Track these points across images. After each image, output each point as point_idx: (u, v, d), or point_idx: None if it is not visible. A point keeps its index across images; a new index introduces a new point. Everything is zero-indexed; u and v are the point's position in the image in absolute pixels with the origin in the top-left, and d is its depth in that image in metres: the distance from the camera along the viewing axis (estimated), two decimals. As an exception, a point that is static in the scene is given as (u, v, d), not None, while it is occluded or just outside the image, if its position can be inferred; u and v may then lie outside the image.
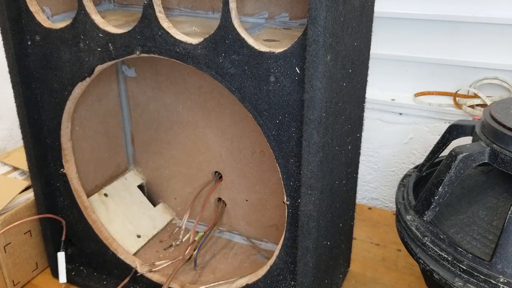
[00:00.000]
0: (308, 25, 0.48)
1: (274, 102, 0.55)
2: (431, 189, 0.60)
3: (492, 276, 0.53)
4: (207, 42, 0.56)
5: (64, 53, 0.65)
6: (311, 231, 0.58)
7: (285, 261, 0.64)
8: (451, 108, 0.99)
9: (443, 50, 0.99)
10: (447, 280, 0.56)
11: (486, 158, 0.59)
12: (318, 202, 0.57)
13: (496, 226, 0.58)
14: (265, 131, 0.57)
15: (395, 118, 1.06)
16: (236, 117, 0.79)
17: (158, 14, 0.57)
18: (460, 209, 0.63)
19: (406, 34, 1.01)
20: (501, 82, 0.96)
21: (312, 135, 0.53)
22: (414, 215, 0.63)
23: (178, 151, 0.87)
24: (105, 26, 0.61)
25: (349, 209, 0.77)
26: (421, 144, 1.05)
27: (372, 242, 0.93)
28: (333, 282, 0.75)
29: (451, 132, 0.68)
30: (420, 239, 0.59)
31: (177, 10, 0.75)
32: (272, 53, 0.53)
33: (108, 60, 0.63)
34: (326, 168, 0.58)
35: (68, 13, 0.73)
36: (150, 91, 0.85)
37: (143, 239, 0.86)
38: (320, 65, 0.50)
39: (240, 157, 0.81)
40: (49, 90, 0.70)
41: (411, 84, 1.05)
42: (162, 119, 0.86)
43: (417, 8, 0.98)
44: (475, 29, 0.95)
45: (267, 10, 0.69)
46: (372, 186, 1.15)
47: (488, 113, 0.62)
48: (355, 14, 0.58)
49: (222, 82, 0.57)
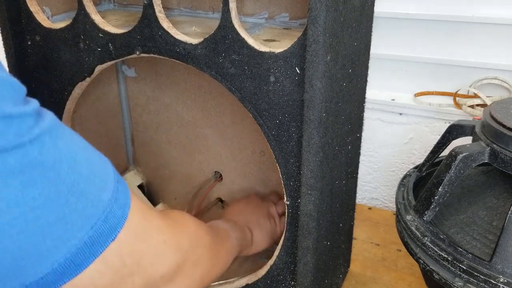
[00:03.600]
0: (308, 25, 0.48)
1: (274, 102, 0.55)
2: (431, 189, 0.60)
3: (492, 276, 0.53)
4: (207, 42, 0.56)
5: (64, 53, 0.65)
6: (311, 231, 0.58)
7: (285, 261, 0.64)
8: (451, 108, 0.99)
9: (443, 50, 0.99)
10: (447, 280, 0.56)
11: (486, 158, 0.59)
12: (318, 202, 0.57)
13: (496, 226, 0.58)
14: (265, 131, 0.57)
15: (395, 118, 1.06)
16: (236, 117, 0.79)
17: (158, 14, 0.57)
18: (460, 209, 0.63)
19: (406, 34, 1.01)
20: (501, 82, 0.96)
21: (312, 135, 0.53)
22: (414, 215, 0.63)
23: (178, 151, 0.87)
24: (105, 26, 0.61)
25: (349, 209, 0.77)
26: (421, 144, 1.05)
27: (372, 242, 0.93)
28: (333, 282, 0.75)
29: (451, 132, 0.68)
30: (420, 239, 0.59)
31: (177, 10, 0.75)
32: (272, 53, 0.53)
33: (108, 60, 0.63)
34: (326, 168, 0.58)
35: (68, 13, 0.73)
36: (150, 91, 0.85)
37: (143, 239, 0.86)
38: (320, 65, 0.50)
39: (240, 157, 0.81)
40: (49, 90, 0.70)
41: (411, 84, 1.04)
42: (162, 119, 0.86)
43: (417, 8, 0.98)
44: (475, 29, 0.95)
45: (267, 10, 0.69)
46: (372, 186, 1.15)
47: (488, 113, 0.62)
48: (355, 14, 0.58)
49: (222, 82, 0.57)
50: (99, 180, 0.38)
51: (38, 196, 0.33)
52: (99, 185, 0.38)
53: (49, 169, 0.34)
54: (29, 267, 0.35)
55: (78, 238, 0.36)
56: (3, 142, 0.32)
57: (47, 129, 0.35)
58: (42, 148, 0.34)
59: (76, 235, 0.36)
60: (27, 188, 0.33)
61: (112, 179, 0.40)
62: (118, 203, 0.39)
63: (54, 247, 0.35)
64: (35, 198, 0.33)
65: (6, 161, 0.32)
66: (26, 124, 0.33)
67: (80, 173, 0.37)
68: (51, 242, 0.35)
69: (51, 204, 0.34)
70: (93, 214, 0.37)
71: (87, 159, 0.38)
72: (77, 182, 0.36)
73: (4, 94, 0.33)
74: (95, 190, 0.37)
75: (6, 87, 0.33)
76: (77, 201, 0.36)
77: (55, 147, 0.35)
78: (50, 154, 0.34)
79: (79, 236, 0.36)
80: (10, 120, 0.32)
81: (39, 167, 0.34)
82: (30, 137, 0.33)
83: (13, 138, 0.32)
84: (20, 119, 0.33)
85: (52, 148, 0.35)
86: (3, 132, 0.32)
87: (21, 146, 0.33)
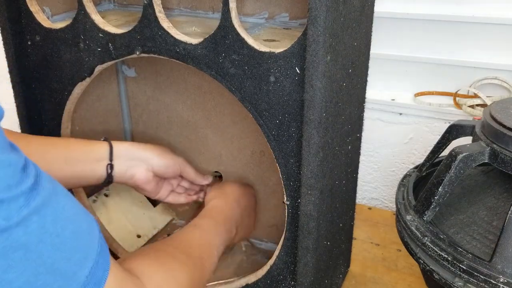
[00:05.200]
0: (308, 25, 0.48)
1: (274, 102, 0.55)
2: (431, 189, 0.60)
3: (492, 276, 0.53)
4: (207, 42, 0.56)
5: (64, 53, 0.65)
6: (311, 231, 0.58)
7: (285, 261, 0.64)
8: (451, 108, 0.99)
9: (443, 50, 0.99)
10: (447, 280, 0.56)
11: (486, 158, 0.59)
12: (318, 202, 0.57)
13: (496, 226, 0.58)
14: (265, 131, 0.57)
15: (395, 118, 1.06)
16: (236, 117, 0.79)
17: (158, 14, 0.57)
18: (460, 209, 0.63)
19: (406, 34, 1.01)
20: (501, 82, 0.96)
21: (312, 135, 0.53)
22: (414, 215, 0.63)
23: (178, 151, 0.87)
24: (105, 26, 0.61)
25: (349, 209, 0.77)
26: (421, 144, 1.05)
27: (372, 242, 0.93)
28: (333, 282, 0.75)
29: (451, 132, 0.68)
30: (420, 239, 0.59)
31: (177, 10, 0.75)
32: (272, 53, 0.53)
33: (108, 60, 0.63)
34: (326, 168, 0.58)
35: (68, 13, 0.73)
36: (150, 91, 0.85)
37: (143, 239, 0.86)
38: (320, 65, 0.50)
39: (240, 157, 0.81)
40: (49, 90, 0.70)
41: (411, 84, 1.05)
42: (162, 119, 0.86)
43: (417, 8, 0.98)
44: (475, 29, 0.95)
45: (267, 10, 0.69)
46: (372, 186, 1.15)
47: (488, 113, 0.62)
48: (355, 14, 0.58)
49: (222, 82, 0.57)
50: (80, 255, 0.38)
51: (15, 279, 0.33)
52: (78, 262, 0.38)
53: (31, 251, 0.34)
54: None
55: None
56: None
57: (37, 209, 0.35)
58: (27, 229, 0.34)
59: None
60: (5, 272, 0.33)
61: (95, 251, 0.40)
62: (95, 278, 0.39)
63: None
64: (12, 282, 0.33)
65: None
66: (16, 205, 0.33)
67: (62, 251, 0.37)
68: None
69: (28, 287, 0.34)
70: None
71: (74, 232, 0.38)
72: (57, 262, 0.36)
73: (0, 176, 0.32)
74: (74, 268, 0.37)
75: (3, 169, 0.33)
76: (54, 281, 0.36)
77: (41, 227, 0.35)
78: (34, 235, 0.34)
79: None
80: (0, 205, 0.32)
81: (21, 249, 0.33)
82: (18, 219, 0.33)
83: (0, 222, 0.32)
84: (11, 201, 0.33)
85: (37, 228, 0.34)
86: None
87: (7, 229, 0.32)
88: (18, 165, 0.34)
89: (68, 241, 0.37)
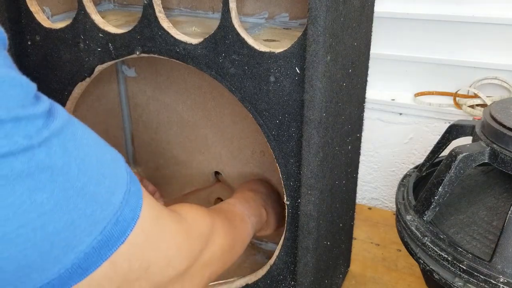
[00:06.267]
0: (308, 25, 0.48)
1: (274, 102, 0.55)
2: (431, 189, 0.60)
3: (492, 276, 0.53)
4: (207, 42, 0.56)
5: (64, 53, 0.65)
6: (311, 231, 0.58)
7: (285, 261, 0.64)
8: (451, 108, 0.99)
9: (443, 50, 0.99)
10: (447, 280, 0.56)
11: (486, 158, 0.59)
12: (318, 202, 0.57)
13: (496, 226, 0.58)
14: (265, 131, 0.57)
15: (395, 118, 1.06)
16: (236, 117, 0.79)
17: (158, 14, 0.57)
18: (460, 209, 0.63)
19: (406, 34, 1.01)
20: (501, 82, 0.96)
21: (312, 135, 0.53)
22: (414, 215, 0.63)
23: (178, 151, 0.87)
24: (105, 26, 0.61)
25: (349, 209, 0.77)
26: (421, 144, 1.05)
27: (372, 242, 0.93)
28: (333, 282, 0.75)
29: (451, 132, 0.68)
30: (420, 239, 0.59)
31: (177, 10, 0.75)
32: (272, 53, 0.53)
33: (108, 60, 0.63)
34: (326, 168, 0.58)
35: (68, 13, 0.73)
36: (150, 91, 0.85)
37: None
38: (320, 65, 0.50)
39: (240, 157, 0.81)
40: (49, 90, 0.70)
41: (411, 84, 1.05)
42: (162, 119, 0.86)
43: (417, 8, 0.98)
44: (475, 29, 0.95)
45: (267, 10, 0.69)
46: (372, 186, 1.15)
47: (488, 113, 0.62)
48: (355, 14, 0.58)
49: (222, 82, 0.57)
50: (109, 182, 0.37)
51: (46, 201, 0.32)
52: (109, 187, 0.37)
53: (57, 173, 0.33)
54: (35, 274, 0.33)
55: (87, 244, 0.35)
56: (10, 145, 0.30)
57: (57, 131, 0.33)
58: (50, 151, 0.32)
59: (85, 240, 0.35)
60: (34, 193, 0.31)
61: (124, 179, 0.39)
62: (129, 205, 0.38)
63: (62, 254, 0.34)
64: (43, 204, 0.32)
65: (13, 165, 0.30)
66: (35, 126, 0.32)
67: (90, 176, 0.35)
68: (58, 250, 0.33)
69: (59, 210, 0.33)
70: (103, 219, 0.36)
71: (99, 159, 0.37)
72: (87, 186, 0.35)
73: (12, 94, 0.31)
74: (105, 193, 0.36)
75: (15, 87, 0.31)
76: (87, 206, 0.34)
77: (64, 150, 0.33)
78: (58, 157, 0.33)
79: (87, 241, 0.35)
80: (18, 123, 0.31)
81: (47, 171, 0.32)
82: (39, 139, 0.32)
83: (21, 141, 0.30)
84: (29, 120, 0.31)
85: (60, 151, 0.33)
86: (11, 135, 0.30)
87: (29, 149, 0.31)
88: (30, 88, 0.33)
89: (94, 167, 0.36)
